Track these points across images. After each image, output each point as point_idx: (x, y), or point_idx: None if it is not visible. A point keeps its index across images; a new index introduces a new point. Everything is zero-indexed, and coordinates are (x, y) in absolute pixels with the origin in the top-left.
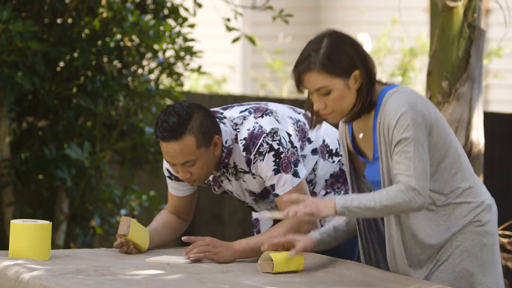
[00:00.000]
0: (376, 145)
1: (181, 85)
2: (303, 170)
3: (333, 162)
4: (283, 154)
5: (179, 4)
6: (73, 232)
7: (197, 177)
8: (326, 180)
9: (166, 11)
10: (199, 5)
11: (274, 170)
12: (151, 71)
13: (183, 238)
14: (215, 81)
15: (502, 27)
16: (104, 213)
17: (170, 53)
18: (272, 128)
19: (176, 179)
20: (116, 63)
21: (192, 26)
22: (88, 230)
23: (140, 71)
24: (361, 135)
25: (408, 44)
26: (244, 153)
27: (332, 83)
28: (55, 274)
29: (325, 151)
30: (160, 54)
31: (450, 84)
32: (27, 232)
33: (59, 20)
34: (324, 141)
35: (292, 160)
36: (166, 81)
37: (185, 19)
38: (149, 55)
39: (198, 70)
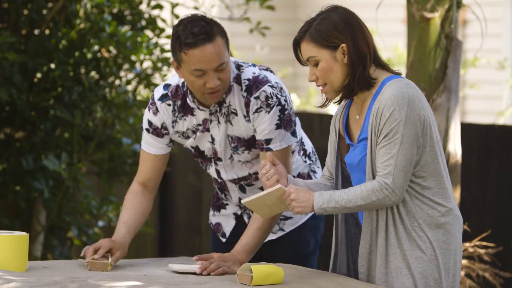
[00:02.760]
0: (366, 128)
1: None
2: (298, 133)
3: (305, 162)
4: (287, 111)
5: (156, 15)
6: (50, 243)
7: (224, 84)
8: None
9: (143, 22)
10: (177, 16)
11: (276, 124)
12: (128, 82)
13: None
14: None
15: (480, 38)
16: (82, 224)
17: (147, 64)
18: (277, 83)
19: (154, 132)
20: (94, 74)
21: (169, 37)
22: (66, 241)
23: (117, 82)
24: (357, 117)
25: (385, 55)
26: (245, 94)
27: (319, 53)
28: (32, 285)
29: (301, 148)
30: (137, 65)
31: (427, 95)
32: (4, 243)
33: (36, 31)
34: (301, 138)
35: (293, 119)
36: (143, 92)
37: (162, 30)
38: (126, 66)
39: None
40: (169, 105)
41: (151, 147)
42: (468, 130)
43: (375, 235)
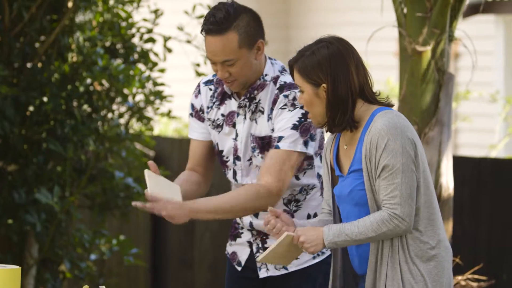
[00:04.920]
0: (358, 159)
1: (151, 129)
2: (311, 149)
3: None
4: (309, 120)
5: (149, 49)
6: (42, 276)
7: (236, 77)
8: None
9: (136, 56)
10: (169, 50)
11: (293, 125)
12: (121, 116)
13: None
14: (185, 125)
15: (471, 71)
16: (74, 257)
17: (140, 97)
18: None
19: (196, 115)
20: (86, 107)
21: (162, 71)
22: (58, 275)
23: (110, 115)
24: (345, 147)
25: (376, 88)
26: (276, 91)
27: (304, 85)
28: None
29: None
30: (130, 99)
31: (419, 129)
32: None
33: (29, 65)
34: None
35: (312, 132)
36: (136, 126)
37: (155, 64)
38: (119, 99)
39: (168, 114)
40: (210, 89)
41: (194, 131)
42: (460, 163)
43: (379, 266)
